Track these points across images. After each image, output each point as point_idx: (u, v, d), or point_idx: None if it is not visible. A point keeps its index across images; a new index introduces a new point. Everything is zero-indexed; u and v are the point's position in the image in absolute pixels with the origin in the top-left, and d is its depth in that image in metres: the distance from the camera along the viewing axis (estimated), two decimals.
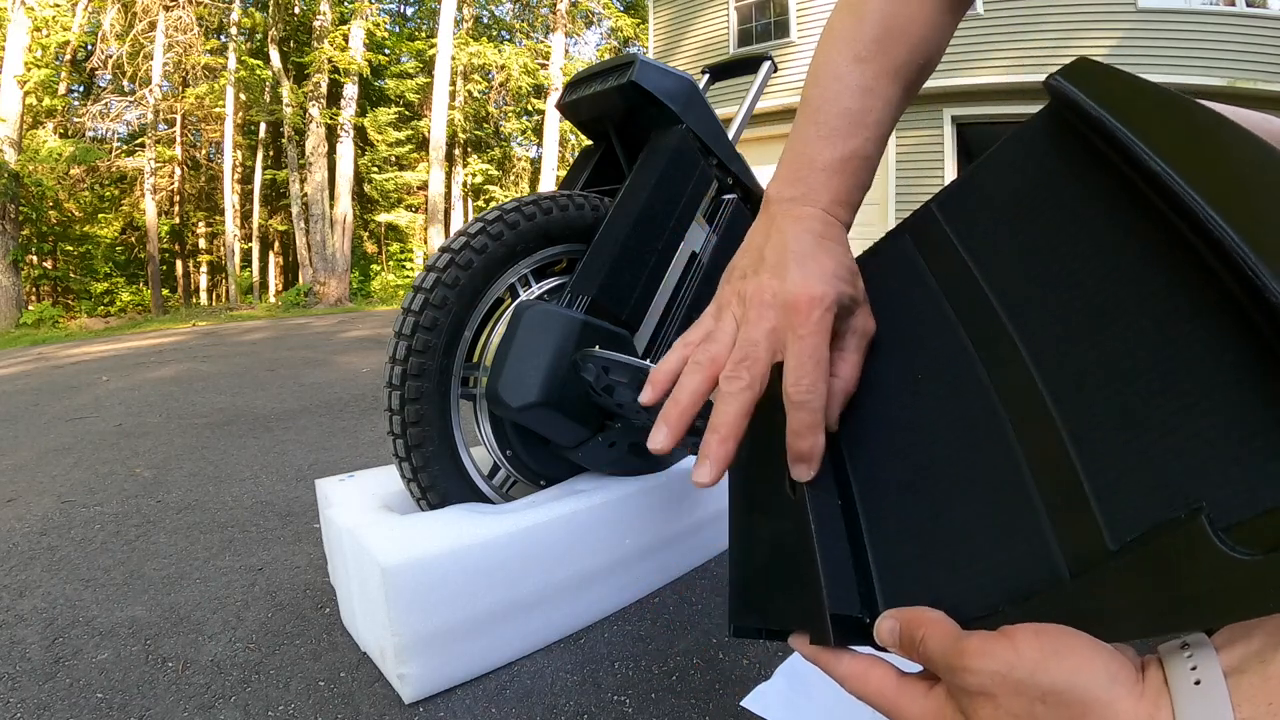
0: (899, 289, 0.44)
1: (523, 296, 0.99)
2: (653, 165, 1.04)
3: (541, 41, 16.59)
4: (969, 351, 0.38)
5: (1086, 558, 0.28)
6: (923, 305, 0.41)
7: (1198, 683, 0.25)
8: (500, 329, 0.96)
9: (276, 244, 19.66)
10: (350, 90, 13.17)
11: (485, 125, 17.67)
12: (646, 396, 0.43)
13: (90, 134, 13.83)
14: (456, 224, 16.47)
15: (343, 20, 13.03)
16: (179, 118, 15.02)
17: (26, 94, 10.25)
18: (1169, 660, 0.26)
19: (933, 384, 0.39)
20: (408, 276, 15.76)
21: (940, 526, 0.35)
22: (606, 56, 12.52)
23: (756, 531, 0.41)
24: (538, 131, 16.74)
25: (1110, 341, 0.33)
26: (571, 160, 6.68)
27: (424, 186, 15.02)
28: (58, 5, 10.99)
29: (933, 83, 7.76)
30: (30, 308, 10.35)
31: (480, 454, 1.02)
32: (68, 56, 12.27)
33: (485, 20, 17.95)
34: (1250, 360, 0.27)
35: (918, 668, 0.32)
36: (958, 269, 0.41)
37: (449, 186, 16.36)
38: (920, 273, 0.43)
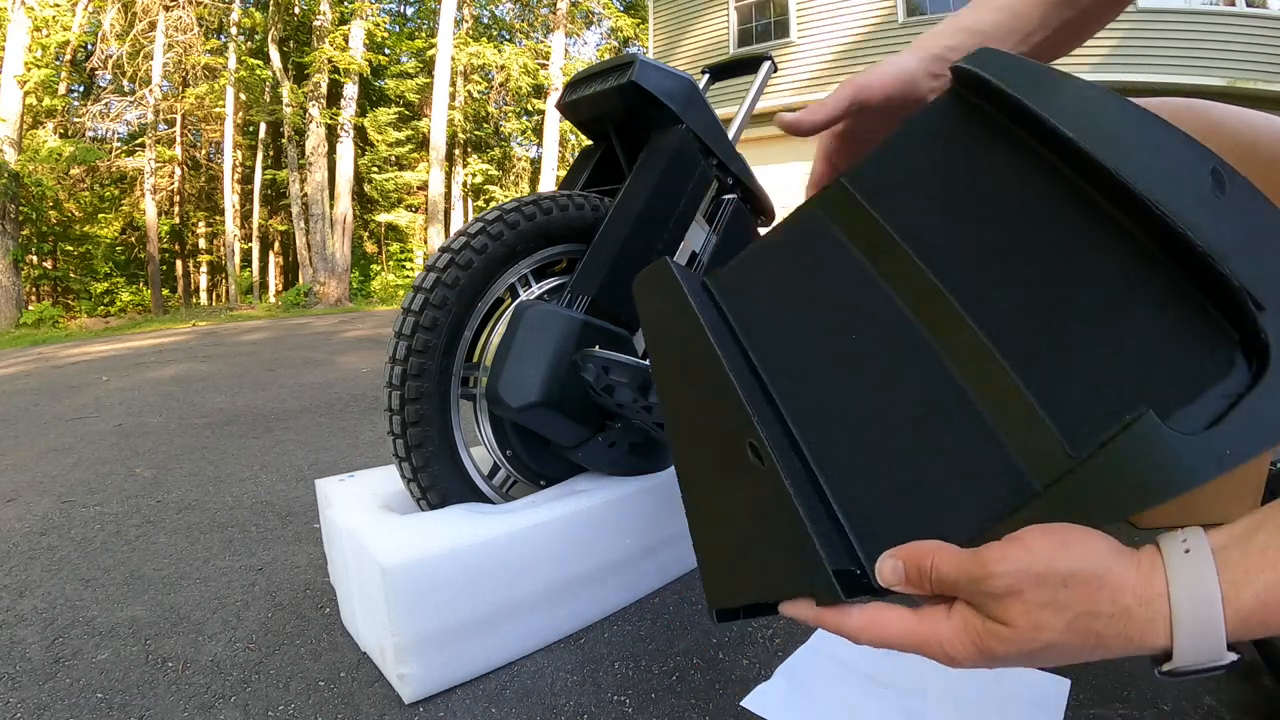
0: (818, 257, 0.47)
1: (523, 296, 0.99)
2: (653, 165, 1.04)
3: (541, 41, 16.58)
4: (896, 305, 0.41)
5: (1054, 467, 0.32)
6: (844, 269, 0.45)
7: (1187, 551, 0.29)
8: (500, 329, 0.96)
9: (276, 244, 19.66)
10: (350, 90, 13.17)
11: (485, 125, 17.66)
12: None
13: (90, 134, 13.83)
14: (456, 224, 16.47)
15: (343, 20, 13.02)
16: (179, 118, 15.02)
17: (26, 94, 10.24)
18: (1164, 540, 0.30)
19: (868, 340, 0.42)
20: (408, 276, 15.75)
21: (905, 472, 0.37)
22: (606, 56, 12.52)
23: (722, 507, 0.40)
24: (538, 131, 16.73)
25: (1032, 281, 0.37)
26: (571, 160, 6.68)
27: (424, 186, 15.01)
28: (58, 5, 10.99)
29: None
30: (30, 308, 10.34)
31: (480, 454, 1.02)
32: (68, 56, 12.26)
33: (485, 20, 17.95)
34: (1158, 282, 0.33)
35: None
36: (875, 233, 0.44)
37: (449, 186, 16.36)
38: (838, 241, 0.46)
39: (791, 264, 0.49)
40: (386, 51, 15.74)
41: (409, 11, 18.98)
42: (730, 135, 1.20)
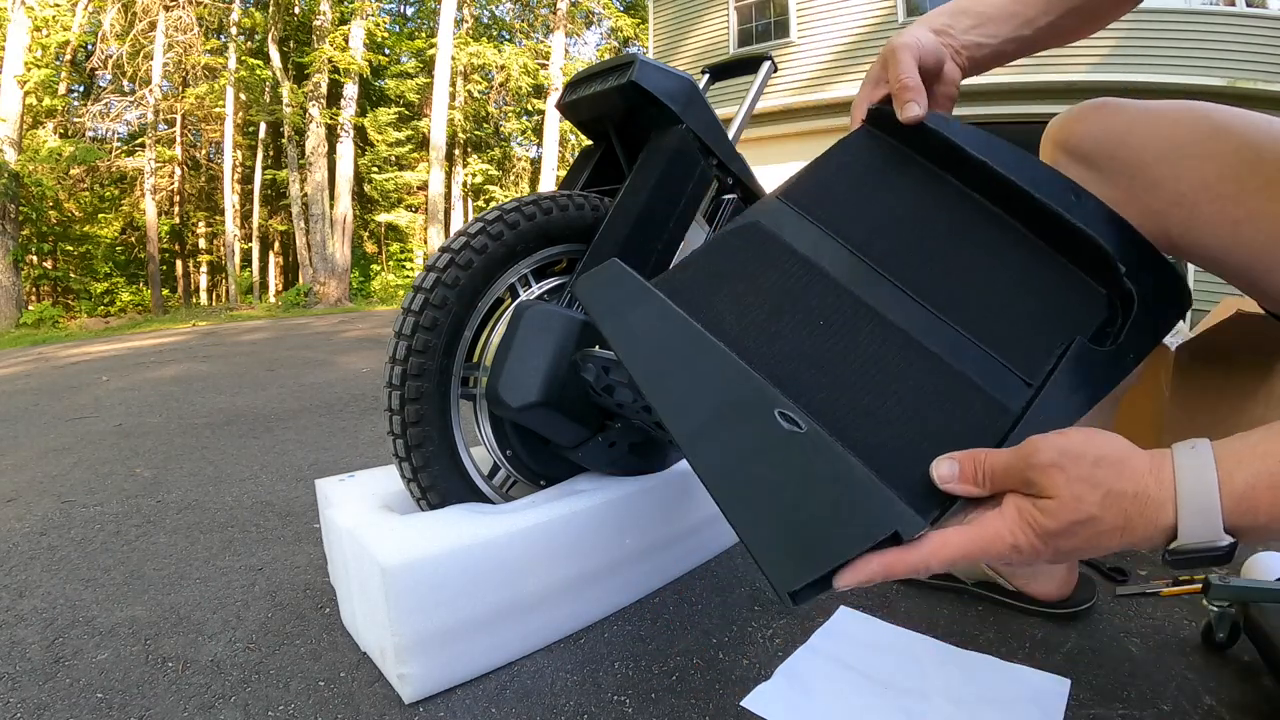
0: (767, 260, 0.53)
1: (523, 296, 0.99)
2: (653, 165, 1.04)
3: (541, 41, 16.58)
4: (853, 294, 0.49)
5: (1023, 395, 0.42)
6: (796, 268, 0.51)
7: (1193, 448, 0.35)
8: (500, 329, 0.96)
9: (276, 244, 19.66)
10: (350, 90, 13.16)
11: (485, 125, 17.66)
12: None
13: (90, 134, 13.83)
14: (456, 224, 16.47)
15: (343, 20, 13.01)
16: (179, 118, 15.01)
17: (26, 94, 10.24)
18: (1175, 444, 0.36)
19: (834, 323, 0.48)
20: (408, 276, 15.75)
21: (903, 426, 0.42)
22: (606, 56, 12.51)
23: (762, 487, 0.39)
24: (538, 131, 16.73)
25: (954, 265, 0.49)
26: (571, 160, 6.68)
27: (424, 186, 15.01)
28: (58, 5, 10.98)
29: None
30: (30, 308, 10.34)
31: (480, 454, 1.02)
32: (68, 56, 12.26)
33: (485, 20, 17.94)
34: (1046, 260, 0.48)
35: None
36: (816, 237, 0.52)
37: (449, 186, 16.35)
38: (785, 246, 0.53)
39: (741, 268, 0.52)
40: (386, 51, 15.74)
41: (409, 11, 18.98)
42: (730, 135, 1.19)
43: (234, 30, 13.69)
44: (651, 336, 0.48)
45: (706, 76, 1.47)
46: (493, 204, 6.21)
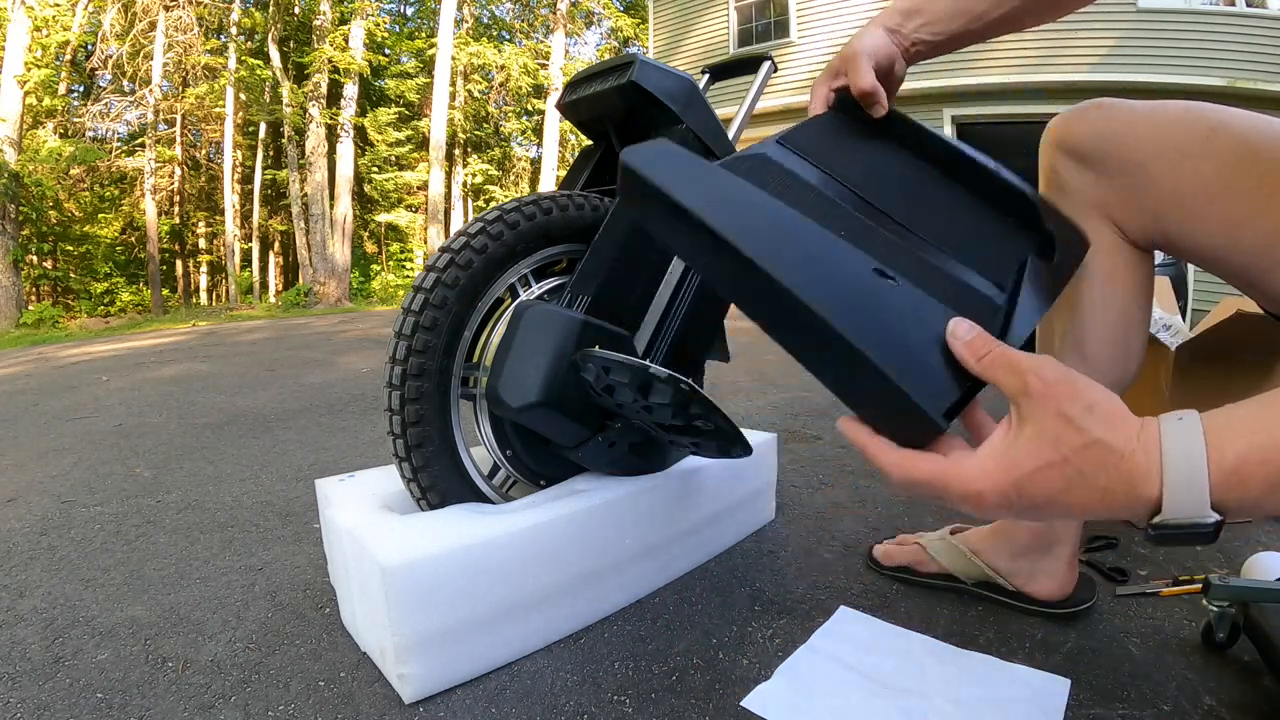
0: (776, 181, 0.59)
1: (523, 296, 0.99)
2: None
3: (541, 41, 16.58)
4: (859, 217, 0.56)
5: (1002, 299, 0.51)
6: (807, 193, 0.59)
7: (1180, 420, 0.35)
8: (500, 329, 0.96)
9: (276, 244, 19.66)
10: (350, 90, 13.17)
11: (485, 125, 17.66)
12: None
13: (90, 134, 13.83)
14: (456, 224, 16.47)
15: (343, 20, 13.02)
16: (179, 118, 15.02)
17: (26, 94, 10.24)
18: (1162, 415, 0.35)
19: (855, 237, 0.53)
20: (408, 276, 15.76)
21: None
22: (606, 56, 12.50)
23: (887, 328, 0.44)
24: (538, 131, 16.73)
25: (930, 209, 0.60)
26: (571, 160, 6.67)
27: (424, 186, 15.01)
28: (58, 5, 10.98)
29: (933, 83, 7.77)
30: (30, 308, 10.35)
31: (480, 454, 1.02)
32: (68, 56, 12.26)
33: (485, 20, 17.94)
34: (988, 207, 0.60)
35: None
36: (817, 174, 0.61)
37: (449, 186, 16.35)
38: (792, 174, 0.60)
39: (757, 185, 0.57)
40: (386, 51, 15.75)
41: (409, 11, 18.99)
42: (730, 135, 1.19)
43: (234, 30, 13.70)
44: (730, 199, 0.49)
45: (706, 76, 1.47)
46: (493, 204, 6.21)
